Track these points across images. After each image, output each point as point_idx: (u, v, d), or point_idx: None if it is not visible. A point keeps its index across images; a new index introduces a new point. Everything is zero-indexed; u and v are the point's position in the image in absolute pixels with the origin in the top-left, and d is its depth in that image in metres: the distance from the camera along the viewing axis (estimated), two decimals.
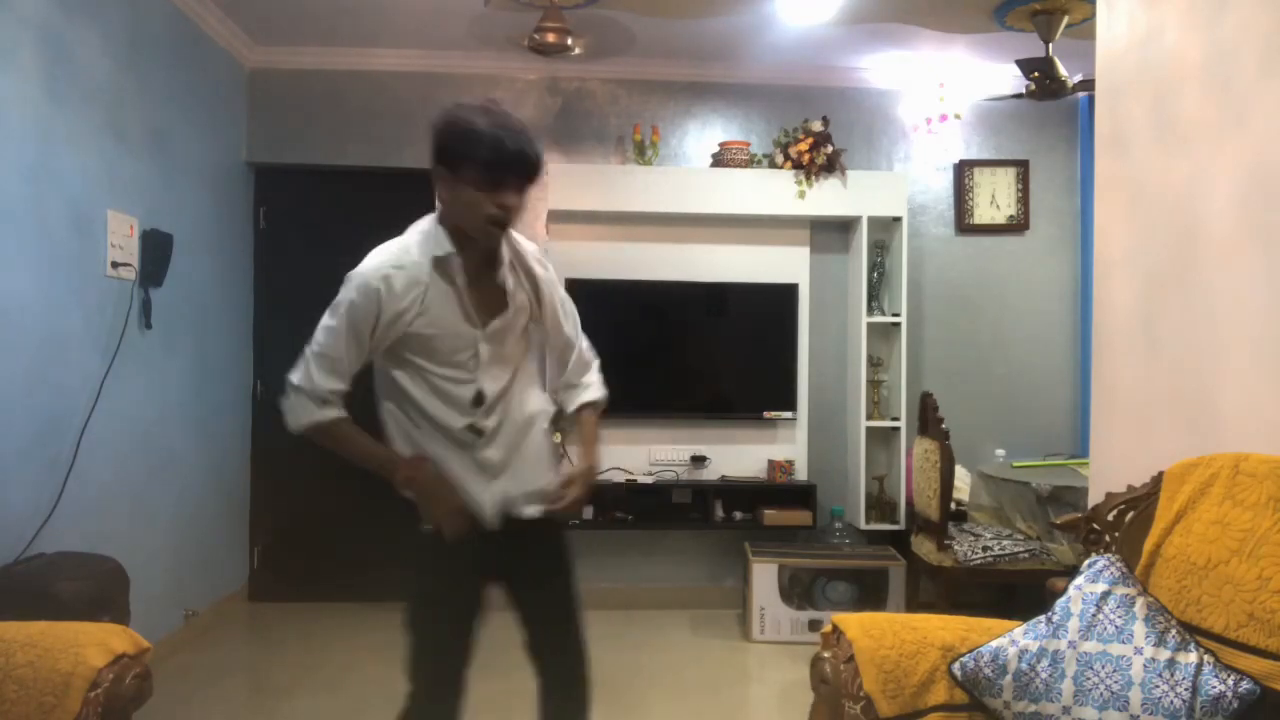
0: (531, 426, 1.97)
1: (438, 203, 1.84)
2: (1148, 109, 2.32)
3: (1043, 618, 1.74)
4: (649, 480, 4.49)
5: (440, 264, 1.82)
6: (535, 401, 2.00)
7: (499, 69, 4.60)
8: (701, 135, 4.70)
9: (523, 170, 1.75)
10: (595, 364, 2.11)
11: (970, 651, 1.75)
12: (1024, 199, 4.78)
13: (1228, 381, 2.01)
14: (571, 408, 2.09)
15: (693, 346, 4.70)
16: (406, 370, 1.86)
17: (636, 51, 4.47)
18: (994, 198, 4.79)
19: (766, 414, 4.59)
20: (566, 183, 4.42)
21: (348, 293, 1.80)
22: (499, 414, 1.91)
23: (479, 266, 1.88)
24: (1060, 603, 1.74)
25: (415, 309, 1.80)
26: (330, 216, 4.64)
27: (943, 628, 1.85)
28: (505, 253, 1.91)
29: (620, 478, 4.51)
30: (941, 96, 4.50)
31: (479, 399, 1.87)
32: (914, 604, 3.95)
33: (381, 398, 1.93)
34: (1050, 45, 3.73)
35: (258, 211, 4.62)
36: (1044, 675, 1.65)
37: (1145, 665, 1.57)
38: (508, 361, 1.93)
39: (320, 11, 4.06)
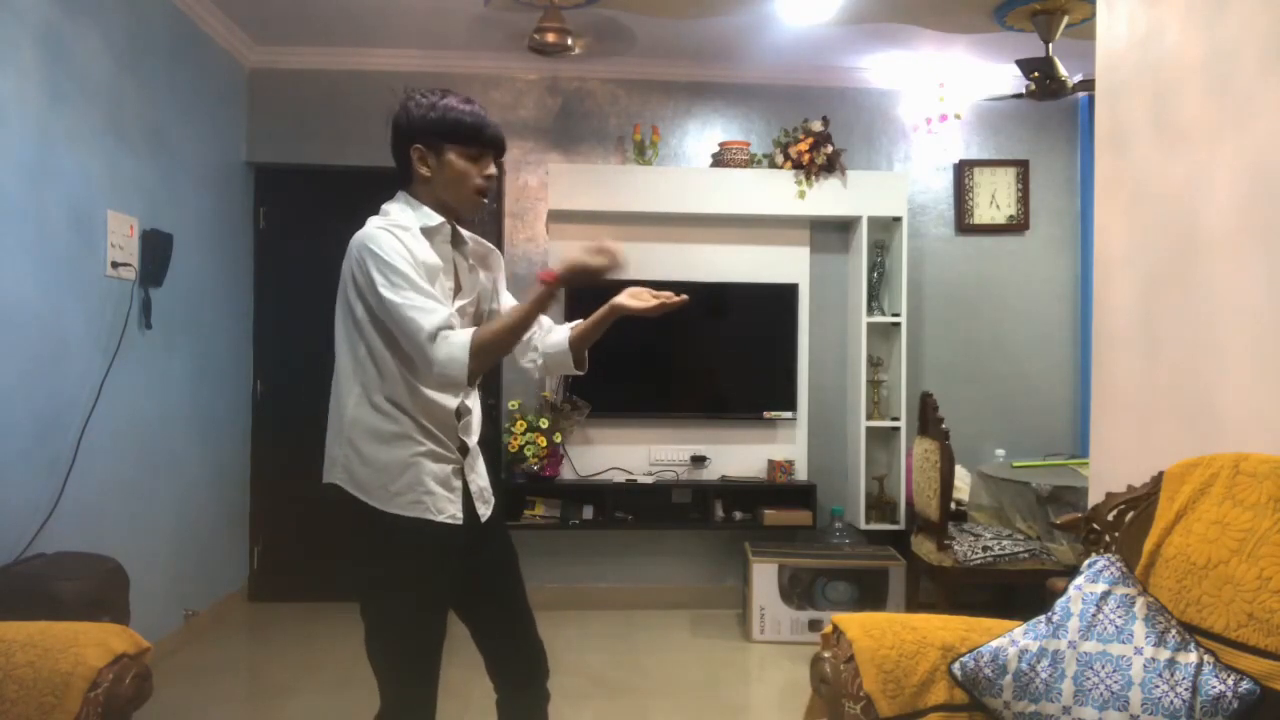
0: (477, 416, 1.97)
1: (419, 179, 1.86)
2: (1148, 109, 2.32)
3: (1043, 618, 1.74)
4: (649, 480, 4.50)
5: (429, 234, 1.85)
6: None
7: (499, 69, 4.60)
8: (701, 135, 4.70)
9: (499, 144, 1.89)
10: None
11: (970, 651, 1.75)
12: (1024, 199, 4.78)
13: (1228, 381, 2.01)
14: (561, 339, 2.03)
15: (693, 346, 4.70)
16: (398, 350, 1.79)
17: (636, 51, 4.47)
18: (994, 198, 4.79)
19: (766, 414, 4.59)
20: (566, 183, 4.43)
21: (373, 251, 1.74)
22: (472, 399, 1.94)
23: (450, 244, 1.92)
24: (1060, 603, 1.74)
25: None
26: (330, 216, 4.58)
27: (943, 628, 1.85)
28: (472, 242, 1.98)
29: (620, 478, 4.51)
30: (941, 96, 4.50)
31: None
32: (914, 604, 3.95)
33: (353, 384, 1.81)
34: (1050, 45, 3.73)
35: (258, 211, 4.62)
36: (1044, 675, 1.65)
37: (1145, 665, 1.57)
38: None
39: (320, 11, 4.06)
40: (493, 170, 1.88)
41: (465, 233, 1.97)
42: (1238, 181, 1.99)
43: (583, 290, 2.03)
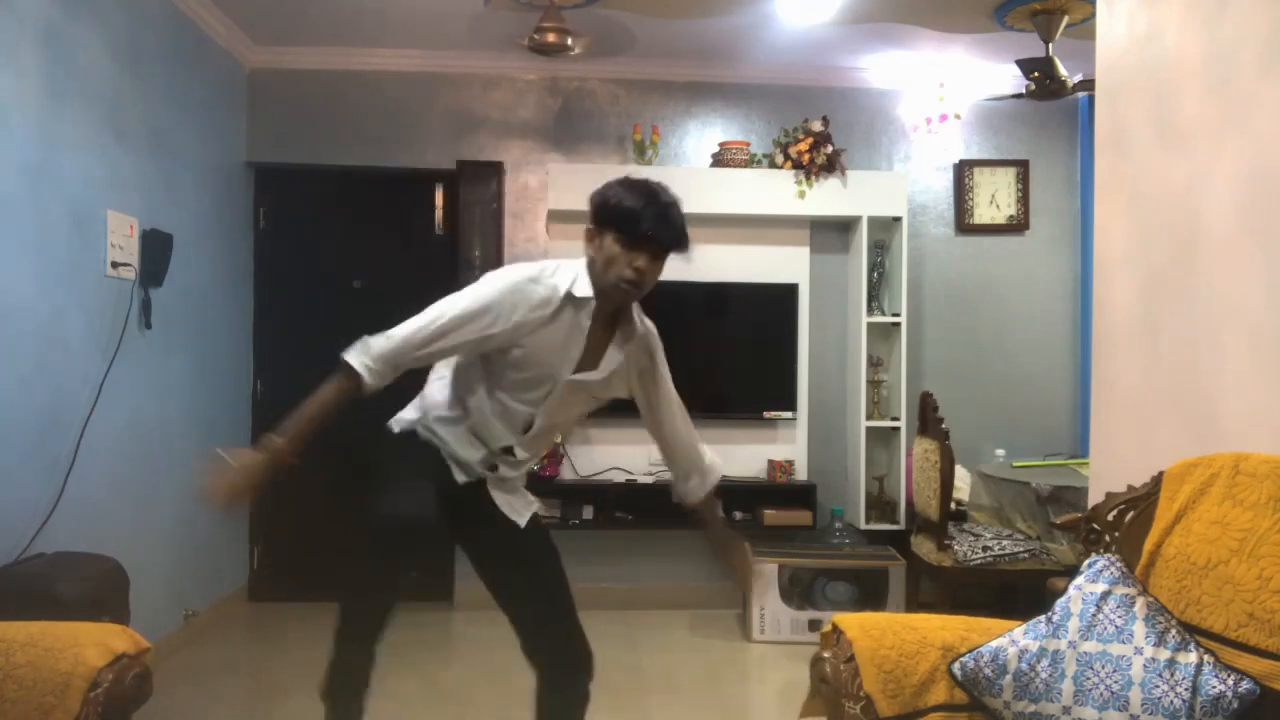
0: (525, 468, 2.12)
1: (588, 256, 1.98)
2: (1148, 109, 2.33)
3: (1043, 618, 1.73)
4: (649, 480, 4.49)
5: (573, 301, 1.92)
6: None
7: (499, 69, 4.60)
8: (701, 135, 4.70)
9: (659, 240, 1.89)
10: (704, 448, 2.25)
11: (970, 651, 1.75)
12: (1024, 199, 4.78)
13: (1228, 381, 2.01)
14: (699, 494, 2.25)
15: (692, 346, 4.69)
16: (488, 372, 1.97)
17: (636, 51, 4.47)
18: (994, 198, 4.79)
19: (766, 414, 4.59)
20: (566, 183, 4.42)
21: (490, 286, 1.89)
22: (531, 450, 2.06)
23: (600, 325, 1.99)
24: (1060, 603, 1.74)
25: (532, 328, 1.90)
26: (330, 216, 4.65)
27: (943, 628, 1.85)
28: (635, 326, 2.06)
29: (620, 478, 4.51)
30: (941, 96, 4.49)
31: (527, 427, 2.00)
32: (914, 604, 3.95)
33: (460, 378, 2.03)
34: (1050, 45, 3.73)
35: (258, 211, 4.62)
36: (1044, 675, 1.65)
37: (1145, 665, 1.57)
38: (566, 413, 2.07)
39: (320, 11, 4.06)
40: (643, 264, 1.90)
41: (635, 317, 2.05)
42: (1238, 182, 1.99)
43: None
